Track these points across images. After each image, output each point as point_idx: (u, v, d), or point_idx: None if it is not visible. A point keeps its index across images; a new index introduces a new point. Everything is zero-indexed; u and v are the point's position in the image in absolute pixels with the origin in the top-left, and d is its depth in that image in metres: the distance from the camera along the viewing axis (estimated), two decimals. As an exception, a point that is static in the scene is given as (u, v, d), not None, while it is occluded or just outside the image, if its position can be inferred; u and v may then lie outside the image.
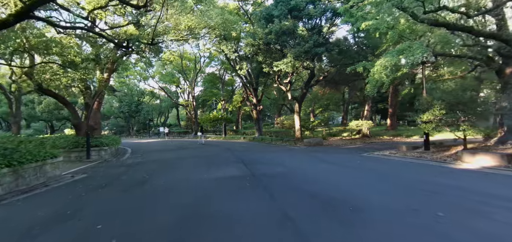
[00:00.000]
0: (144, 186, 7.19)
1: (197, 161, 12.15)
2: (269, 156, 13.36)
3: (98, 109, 16.53)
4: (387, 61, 11.38)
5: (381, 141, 20.77)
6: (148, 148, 21.34)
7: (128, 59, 22.53)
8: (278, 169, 8.99)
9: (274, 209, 4.77)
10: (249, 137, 28.74)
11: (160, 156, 15.06)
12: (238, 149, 17.52)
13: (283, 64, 15.68)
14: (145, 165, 11.56)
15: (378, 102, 40.00)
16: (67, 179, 9.22)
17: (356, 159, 11.55)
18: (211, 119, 36.58)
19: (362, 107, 24.76)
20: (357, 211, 4.46)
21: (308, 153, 14.07)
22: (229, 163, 10.79)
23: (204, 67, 42.46)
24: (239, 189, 6.45)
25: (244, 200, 5.49)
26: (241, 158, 12.30)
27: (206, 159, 12.62)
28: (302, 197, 5.62)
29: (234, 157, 12.83)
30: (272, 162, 10.83)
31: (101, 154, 14.57)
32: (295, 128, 21.69)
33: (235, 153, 14.67)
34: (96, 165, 12.43)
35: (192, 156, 14.30)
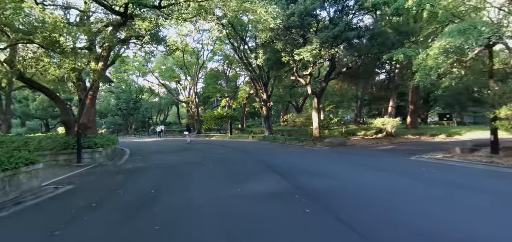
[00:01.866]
0: (152, 209, 4.97)
1: (212, 167, 9.91)
2: (297, 160, 11.15)
3: (92, 105, 14.26)
4: (448, 42, 9.18)
5: (410, 141, 18.65)
6: (149, 149, 19.10)
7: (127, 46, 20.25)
8: (327, 181, 6.79)
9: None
10: (258, 135, 26.52)
11: (163, 159, 12.82)
12: (253, 150, 15.31)
13: (306, 51, 13.47)
14: (147, 172, 9.33)
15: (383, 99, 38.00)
16: (48, 193, 7.02)
17: (411, 165, 9.39)
18: (215, 117, 34.30)
19: (384, 104, 22.58)
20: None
21: (341, 156, 11.88)
22: (256, 171, 8.56)
23: (207, 62, 40.14)
24: (300, 219, 4.23)
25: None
26: (266, 163, 10.09)
27: (223, 165, 10.39)
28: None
29: (256, 162, 10.61)
30: (310, 170, 8.62)
31: (94, 157, 12.31)
32: (312, 126, 19.48)
33: (254, 156, 12.46)
34: (87, 170, 10.18)
35: (203, 159, 12.07)
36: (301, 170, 8.61)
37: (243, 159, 11.60)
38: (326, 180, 7.02)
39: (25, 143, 12.19)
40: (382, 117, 22.31)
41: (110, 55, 16.59)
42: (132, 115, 50.36)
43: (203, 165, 10.37)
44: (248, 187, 6.42)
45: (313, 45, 13.24)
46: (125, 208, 5.13)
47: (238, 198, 5.48)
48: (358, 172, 8.25)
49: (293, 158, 11.78)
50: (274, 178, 7.39)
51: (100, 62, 14.41)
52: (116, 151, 17.46)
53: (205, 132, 35.97)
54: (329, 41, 13.14)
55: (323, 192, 5.74)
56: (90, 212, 4.99)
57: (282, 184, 6.63)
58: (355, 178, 7.31)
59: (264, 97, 25.00)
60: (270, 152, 14.01)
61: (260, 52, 15.01)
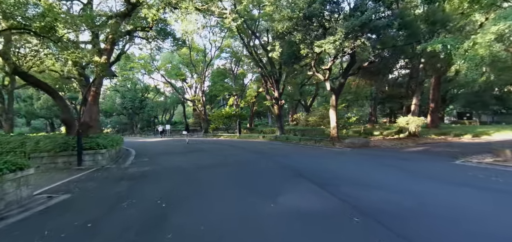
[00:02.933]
0: (164, 233, 3.74)
1: (230, 172, 8.66)
2: (324, 163, 9.83)
3: (94, 102, 13.16)
4: (508, 26, 7.76)
5: (436, 142, 17.16)
6: (155, 150, 17.96)
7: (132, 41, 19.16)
8: (377, 193, 5.48)
9: None
10: (268, 135, 25.23)
11: (172, 162, 11.62)
12: (269, 151, 14.03)
13: (328, 43, 12.14)
14: (155, 178, 8.11)
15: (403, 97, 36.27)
16: (39, 204, 5.91)
17: (462, 170, 8.00)
18: (223, 116, 33.10)
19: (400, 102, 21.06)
20: None
21: (373, 159, 10.53)
22: (284, 178, 7.27)
23: (214, 59, 38.97)
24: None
25: None
26: (291, 167, 8.79)
27: (241, 169, 9.14)
28: None
29: (279, 166, 9.33)
30: (347, 176, 7.30)
31: (97, 159, 11.17)
32: (330, 126, 18.11)
33: (273, 158, 11.19)
34: (88, 175, 9.03)
35: (216, 163, 10.83)
36: (336, 176, 7.30)
37: (262, 162, 10.32)
38: (374, 190, 5.71)
39: (22, 143, 11.11)
40: (397, 116, 20.82)
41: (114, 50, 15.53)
42: (137, 115, 49.53)
43: (218, 169, 9.13)
44: (282, 200, 5.14)
45: (337, 35, 11.88)
46: (130, 229, 3.91)
47: (275, 219, 4.20)
48: (405, 179, 6.91)
49: (318, 161, 10.46)
50: (309, 187, 6.10)
51: (103, 55, 13.32)
52: (121, 151, 16.37)
53: (212, 132, 34.82)
54: (355, 31, 11.76)
55: (382, 210, 4.43)
56: (83, 238, 3.78)
57: (324, 197, 5.34)
58: (406, 187, 5.98)
59: (276, 95, 23.69)
60: (288, 154, 12.72)
61: (276, 44, 13.71)
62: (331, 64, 15.78)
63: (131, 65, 37.88)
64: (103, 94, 62.99)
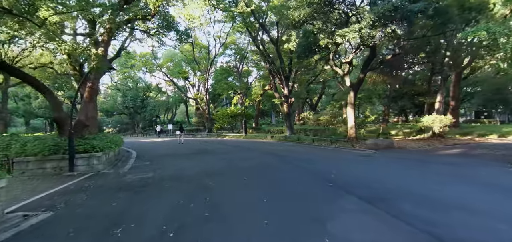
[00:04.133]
0: None
1: (249, 182, 7.22)
2: (358, 170, 8.37)
3: (90, 99, 11.77)
4: None
5: (464, 142, 15.66)
6: (158, 151, 16.59)
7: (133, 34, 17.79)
8: (469, 220, 4.04)
9: None
10: (277, 135, 23.78)
11: (178, 166, 10.22)
12: (285, 154, 12.60)
13: (353, 31, 10.69)
14: (159, 189, 6.69)
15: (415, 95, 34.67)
16: (9, 227, 4.57)
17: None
18: (228, 114, 31.67)
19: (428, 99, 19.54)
20: None
21: (413, 164, 9.08)
22: (325, 194, 5.79)
23: (218, 56, 37.53)
24: None
25: None
26: (324, 176, 7.34)
27: (260, 177, 7.71)
28: None
29: (306, 174, 7.88)
30: (402, 189, 5.83)
31: (91, 163, 9.78)
32: (348, 125, 16.64)
33: (295, 163, 9.74)
34: (80, 184, 7.63)
35: (229, 168, 9.40)
36: (384, 187, 5.85)
37: (284, 168, 8.89)
38: (452, 212, 4.26)
39: (7, 145, 9.75)
40: (408, 115, 19.28)
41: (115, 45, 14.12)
42: (139, 114, 48.22)
43: (232, 177, 7.70)
44: (337, 231, 3.69)
45: (363, 22, 10.42)
46: None
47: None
48: (480, 193, 5.46)
49: (347, 166, 9.02)
50: (361, 206, 4.66)
51: (100, 47, 11.92)
52: (120, 153, 15.01)
53: (216, 131, 33.41)
54: (385, 17, 10.31)
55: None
56: None
57: (388, 222, 3.90)
58: (493, 207, 4.53)
59: (285, 93, 22.22)
60: (308, 157, 11.28)
61: (292, 34, 12.26)
62: (352, 57, 14.30)
63: (132, 63, 36.54)
64: (104, 93, 61.83)
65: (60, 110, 10.75)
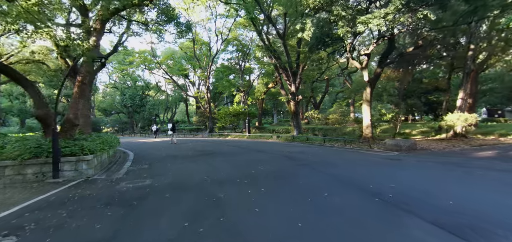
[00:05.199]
0: None
1: (269, 194, 5.92)
2: (396, 176, 7.07)
3: (81, 94, 10.42)
4: None
5: (490, 143, 14.37)
6: (158, 152, 15.28)
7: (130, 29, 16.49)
8: None
9: None
10: (283, 135, 22.48)
11: (181, 171, 8.92)
12: (299, 156, 11.32)
13: (378, 17, 9.40)
14: (159, 203, 5.39)
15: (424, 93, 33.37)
16: None
17: None
18: (231, 113, 30.34)
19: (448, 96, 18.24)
20: None
21: (459, 170, 7.77)
22: (368, 212, 4.49)
23: (220, 53, 36.17)
24: None
25: None
26: (360, 186, 6.06)
27: (280, 186, 6.41)
28: None
29: (336, 181, 6.58)
30: (474, 208, 4.52)
31: (80, 168, 8.47)
32: (363, 124, 15.35)
33: (318, 168, 8.44)
34: (62, 194, 6.33)
35: (241, 174, 8.08)
36: (463, 209, 4.53)
37: (306, 174, 7.58)
38: None
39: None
40: (414, 113, 18.02)
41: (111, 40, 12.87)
42: (138, 113, 46.87)
43: (247, 185, 6.39)
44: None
45: (390, 6, 9.13)
46: None
47: None
48: None
49: (381, 171, 7.72)
50: (436, 236, 3.36)
51: (92, 36, 10.62)
52: (116, 155, 13.71)
53: (218, 131, 32.10)
54: (414, 0, 8.99)
55: None
56: None
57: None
58: None
59: (293, 90, 20.90)
60: (328, 160, 9.98)
61: (307, 21, 10.96)
62: (372, 48, 12.99)
63: (131, 60, 35.17)
64: (103, 92, 60.41)
65: (43, 107, 9.42)
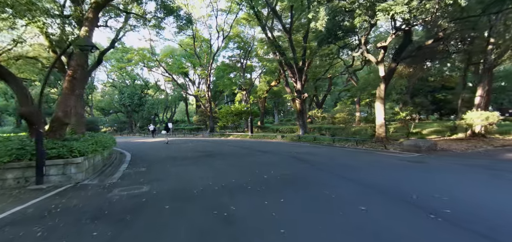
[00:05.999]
0: None
1: (289, 206, 4.96)
2: (429, 182, 6.12)
3: (71, 90, 9.42)
4: None
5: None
6: (156, 153, 14.32)
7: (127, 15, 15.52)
8: None
9: None
10: (288, 135, 21.51)
11: (181, 175, 7.95)
12: (310, 158, 10.36)
13: (401, 4, 8.42)
14: (156, 218, 4.42)
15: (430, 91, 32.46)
16: None
17: None
18: (232, 112, 29.35)
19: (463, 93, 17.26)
20: None
21: (502, 176, 6.81)
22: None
23: (221, 50, 35.18)
24: None
25: None
26: (394, 195, 5.11)
27: (303, 194, 5.45)
28: None
29: (376, 194, 5.61)
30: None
31: (68, 172, 7.49)
32: (376, 123, 14.39)
33: (337, 172, 7.48)
34: (43, 205, 5.36)
35: (251, 180, 7.11)
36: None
37: (329, 182, 6.62)
38: None
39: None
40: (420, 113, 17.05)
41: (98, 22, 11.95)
42: (136, 112, 45.83)
43: (263, 195, 5.41)
44: None
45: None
46: None
47: None
48: None
49: (415, 178, 6.77)
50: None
51: (84, 26, 9.65)
52: (112, 156, 12.73)
53: (219, 130, 31.11)
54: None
55: None
56: None
57: None
58: None
59: (298, 88, 19.94)
60: (346, 163, 9.02)
61: (320, 10, 9.95)
62: (390, 40, 12.00)
63: (129, 57, 34.14)
64: (101, 91, 59.27)
65: (27, 104, 8.43)
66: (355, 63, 30.48)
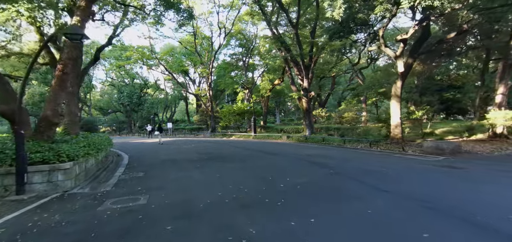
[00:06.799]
0: None
1: (350, 238, 3.98)
2: (481, 196, 5.17)
3: (62, 86, 8.46)
4: None
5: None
6: (156, 155, 13.37)
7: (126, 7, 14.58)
8: None
9: None
10: (294, 135, 20.56)
11: (185, 183, 7.00)
12: (328, 162, 9.41)
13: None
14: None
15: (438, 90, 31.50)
16: None
17: None
18: (235, 112, 28.38)
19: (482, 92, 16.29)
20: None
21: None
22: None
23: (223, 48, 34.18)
24: None
25: None
26: (484, 224, 4.12)
27: (336, 209, 4.48)
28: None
29: (435, 215, 4.66)
30: None
31: (55, 180, 6.53)
32: (391, 123, 13.45)
33: (373, 183, 6.53)
34: (18, 223, 4.40)
35: (267, 189, 6.17)
36: None
37: (364, 195, 5.67)
38: None
39: None
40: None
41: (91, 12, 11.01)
42: (136, 112, 44.84)
43: (288, 213, 4.44)
44: None
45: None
46: None
47: None
48: None
49: (466, 189, 5.83)
50: None
51: (76, 15, 8.70)
52: (108, 158, 11.78)
53: (221, 130, 30.15)
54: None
55: None
56: None
57: None
58: None
59: (305, 85, 18.98)
60: (374, 169, 8.06)
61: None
62: (413, 32, 11.02)
63: (128, 55, 33.15)
64: (100, 90, 58.20)
65: (8, 101, 7.47)
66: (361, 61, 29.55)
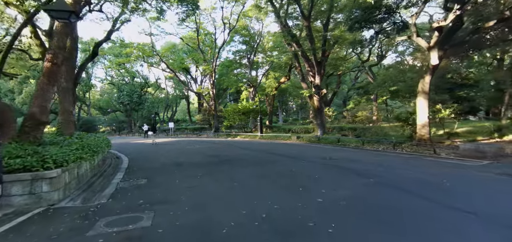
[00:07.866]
0: None
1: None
2: None
3: (51, 81, 7.28)
4: None
5: None
6: (158, 157, 12.19)
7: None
8: None
9: None
10: (304, 136, 19.35)
11: (197, 194, 5.80)
12: (355, 167, 8.22)
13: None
14: None
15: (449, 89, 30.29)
16: None
17: None
18: (240, 111, 27.17)
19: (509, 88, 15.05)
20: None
21: None
22: None
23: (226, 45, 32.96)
24: None
25: None
26: None
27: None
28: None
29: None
30: None
31: (38, 190, 5.32)
32: (418, 122, 12.25)
33: (430, 196, 5.33)
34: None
35: (309, 207, 4.97)
36: None
37: (418, 210, 4.48)
38: None
39: None
40: None
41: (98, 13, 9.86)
42: (136, 111, 43.62)
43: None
44: None
45: None
46: None
47: None
48: None
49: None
50: None
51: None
52: (106, 161, 10.59)
53: (225, 130, 28.95)
54: None
55: None
56: None
57: None
58: None
59: (316, 82, 17.78)
60: (421, 178, 6.85)
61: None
62: (453, 17, 9.77)
63: (128, 51, 31.95)
64: (100, 89, 56.98)
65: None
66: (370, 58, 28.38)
